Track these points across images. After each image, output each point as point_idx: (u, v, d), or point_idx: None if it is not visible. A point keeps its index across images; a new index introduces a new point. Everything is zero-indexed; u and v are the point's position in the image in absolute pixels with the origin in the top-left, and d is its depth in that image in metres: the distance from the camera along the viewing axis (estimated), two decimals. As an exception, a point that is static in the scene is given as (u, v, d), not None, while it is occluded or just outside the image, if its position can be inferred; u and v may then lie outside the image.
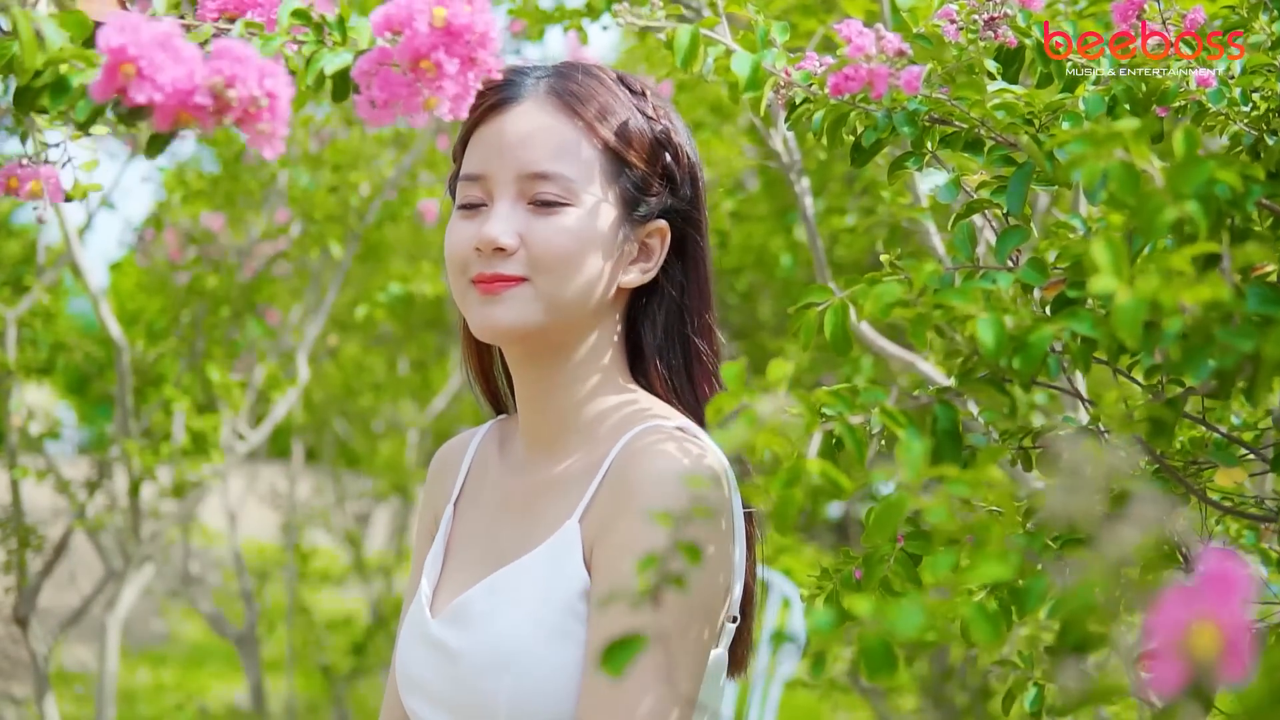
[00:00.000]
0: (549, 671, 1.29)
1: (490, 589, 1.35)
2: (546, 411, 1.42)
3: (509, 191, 1.35)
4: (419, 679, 1.39)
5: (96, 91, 0.99)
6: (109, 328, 3.33)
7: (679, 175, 1.42)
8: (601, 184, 1.36)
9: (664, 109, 1.43)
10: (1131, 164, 0.95)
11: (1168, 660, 0.60)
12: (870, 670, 0.76)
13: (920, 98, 1.25)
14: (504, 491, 1.46)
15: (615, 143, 1.36)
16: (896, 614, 0.75)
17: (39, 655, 3.55)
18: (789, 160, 2.33)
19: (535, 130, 1.35)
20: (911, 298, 1.08)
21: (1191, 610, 0.60)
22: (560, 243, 1.33)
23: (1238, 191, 0.99)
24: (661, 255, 1.41)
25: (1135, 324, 0.86)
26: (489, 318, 1.35)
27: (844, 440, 1.00)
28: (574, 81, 1.38)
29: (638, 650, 0.80)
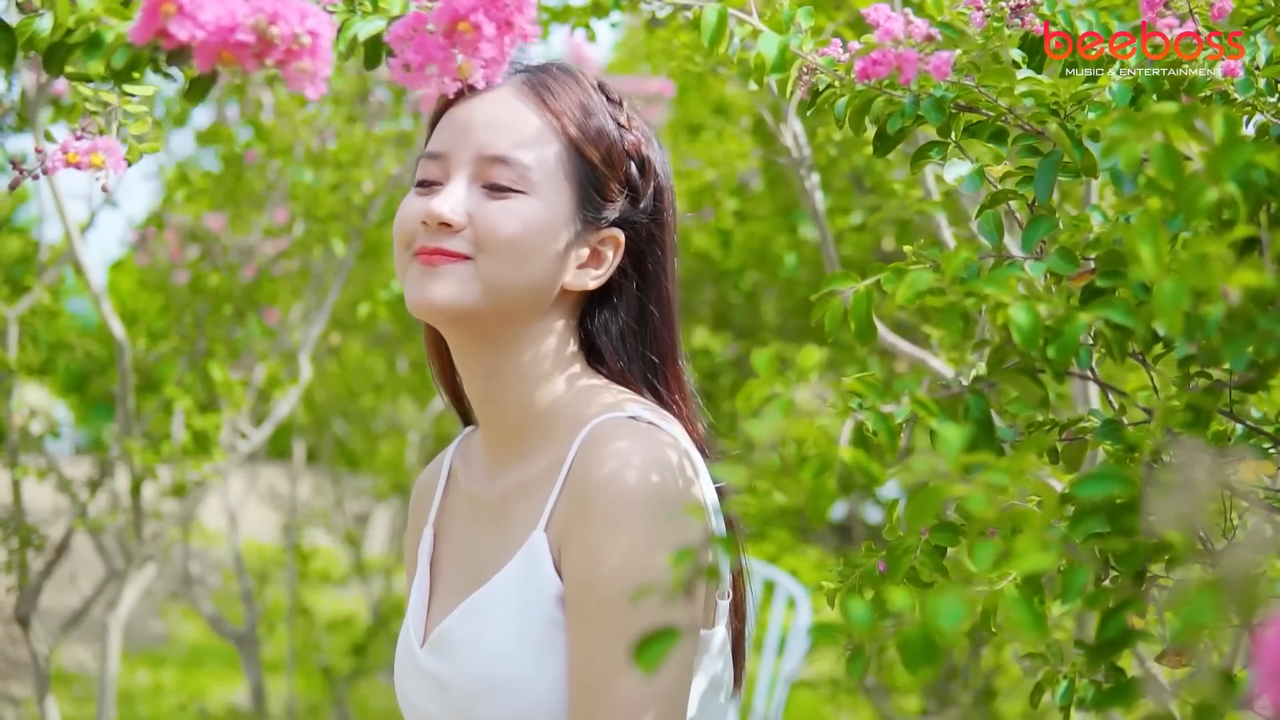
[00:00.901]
0: (545, 688, 1.27)
1: (467, 613, 1.33)
2: (501, 412, 1.39)
3: (466, 172, 1.34)
4: (419, 707, 1.38)
5: (136, 34, 0.97)
6: (111, 326, 3.31)
7: (642, 187, 1.41)
8: (560, 179, 1.34)
9: (639, 122, 1.42)
10: (1172, 146, 0.93)
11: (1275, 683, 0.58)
12: (911, 663, 0.75)
13: (948, 84, 1.23)
14: (474, 504, 1.44)
15: (579, 140, 1.35)
16: (937, 607, 0.73)
17: (40, 655, 3.53)
18: (798, 156, 2.32)
19: (501, 115, 1.34)
20: (943, 285, 1.06)
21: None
22: (506, 226, 1.31)
23: (1275, 176, 0.98)
24: (612, 264, 1.39)
25: (1178, 310, 0.84)
26: (424, 291, 1.32)
27: (876, 429, 0.98)
28: (550, 76, 1.38)
29: (673, 643, 0.78)
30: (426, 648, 1.37)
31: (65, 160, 1.16)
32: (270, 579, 5.76)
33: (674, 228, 1.45)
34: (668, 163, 1.45)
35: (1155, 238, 0.86)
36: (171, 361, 3.87)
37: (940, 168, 1.32)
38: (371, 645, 5.53)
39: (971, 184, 1.31)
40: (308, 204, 3.59)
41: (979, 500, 0.82)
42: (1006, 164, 1.32)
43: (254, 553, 6.53)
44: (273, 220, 3.78)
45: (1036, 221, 1.19)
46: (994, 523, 0.82)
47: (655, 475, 1.26)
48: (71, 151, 1.16)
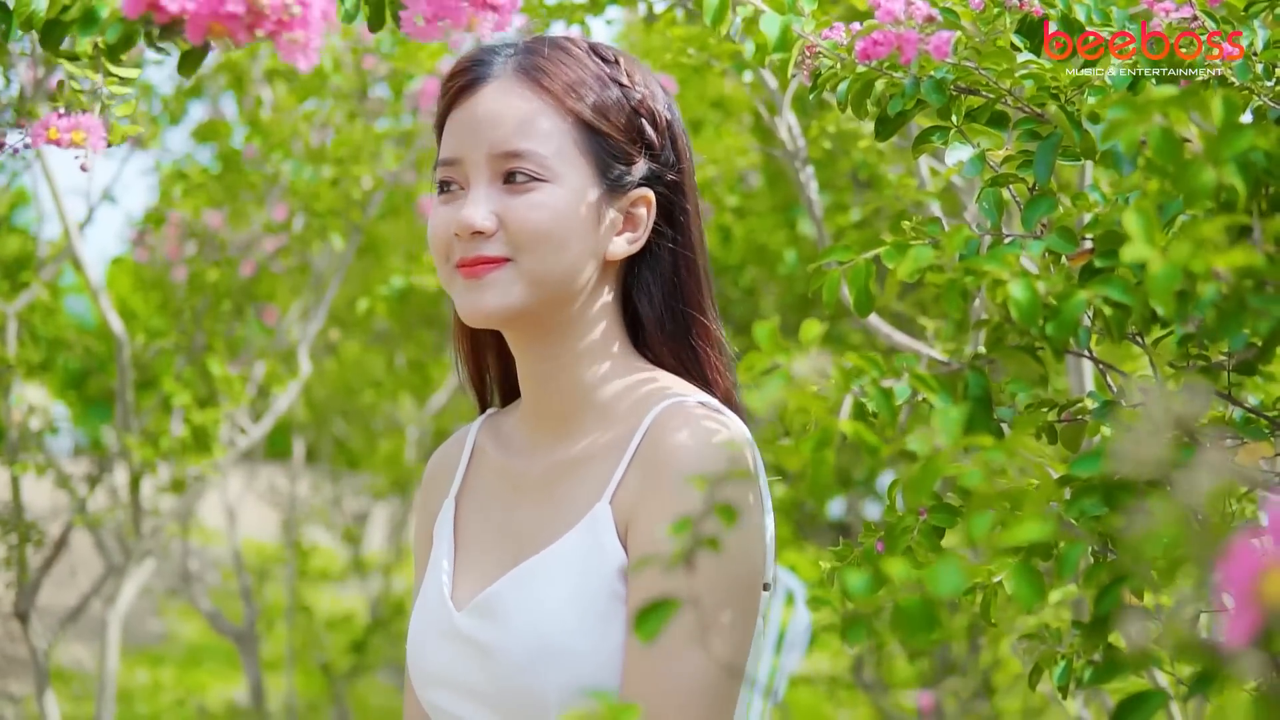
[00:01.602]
0: (599, 659, 1.27)
1: (519, 580, 1.33)
2: (555, 392, 1.40)
3: (483, 173, 1.34)
4: (444, 674, 1.36)
5: (129, 7, 0.97)
6: (110, 322, 3.31)
7: (659, 141, 1.40)
8: (576, 157, 1.34)
9: (639, 75, 1.40)
10: (1171, 129, 0.94)
11: (1240, 609, 0.58)
12: (908, 630, 0.75)
13: (949, 66, 1.24)
14: (513, 479, 1.43)
15: (587, 114, 1.35)
16: (934, 573, 0.74)
17: (39, 651, 3.53)
18: (793, 148, 2.32)
19: (503, 109, 1.34)
20: (943, 262, 1.07)
21: (1264, 558, 0.58)
22: (537, 219, 1.32)
23: (1274, 158, 0.98)
24: (649, 223, 1.39)
25: (1169, 290, 0.84)
26: (474, 303, 1.34)
27: (876, 404, 0.98)
28: (541, 56, 1.36)
29: (671, 614, 0.78)
30: (468, 611, 1.35)
31: (47, 136, 1.16)
32: (269, 577, 5.76)
33: (693, 171, 1.45)
34: (674, 106, 1.44)
35: (1147, 219, 0.86)
36: (170, 357, 3.86)
37: (937, 162, 1.33)
38: (371, 643, 5.53)
39: (973, 168, 1.31)
40: (306, 199, 3.59)
41: (976, 476, 0.83)
42: (1007, 148, 1.32)
43: (253, 551, 6.53)
44: (272, 217, 3.78)
45: (1036, 201, 1.19)
46: (992, 500, 0.82)
47: (729, 459, 1.27)
48: (53, 128, 1.17)
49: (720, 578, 1.25)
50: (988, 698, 4.29)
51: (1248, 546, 0.59)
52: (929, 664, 4.32)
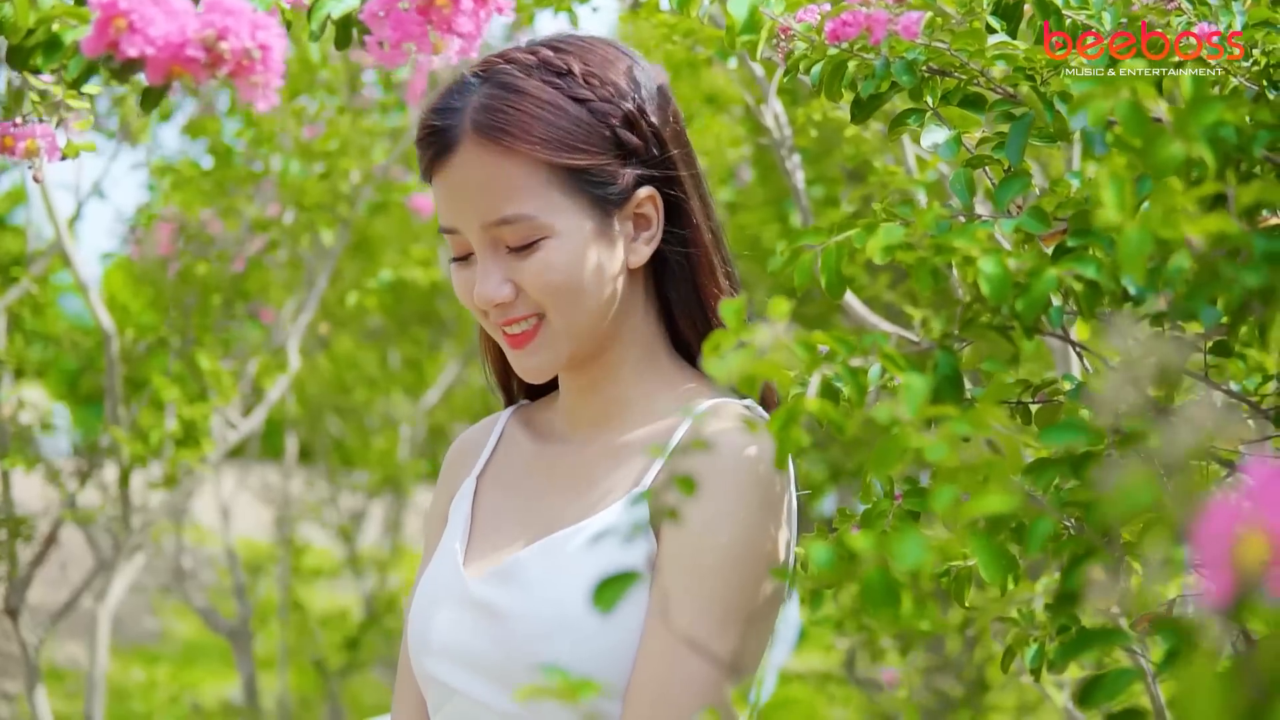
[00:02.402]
0: (613, 640, 1.27)
1: (547, 549, 1.33)
2: (594, 398, 1.42)
3: (483, 241, 1.33)
4: (446, 641, 1.36)
5: (88, 47, 0.98)
6: (99, 315, 3.31)
7: (639, 141, 1.36)
8: (563, 200, 1.32)
9: (600, 74, 1.35)
10: (1139, 103, 0.93)
11: (1215, 572, 0.57)
12: (871, 605, 0.74)
13: (921, 48, 1.23)
14: (546, 465, 1.44)
15: (560, 158, 1.31)
16: (897, 546, 0.73)
17: (30, 646, 3.52)
18: (779, 136, 2.31)
19: (477, 179, 1.32)
20: (914, 240, 1.06)
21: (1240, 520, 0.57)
22: (550, 280, 1.32)
23: (1245, 135, 0.97)
24: (660, 217, 1.38)
25: (1140, 257, 0.84)
26: (528, 369, 1.37)
27: (843, 382, 0.97)
28: (497, 107, 1.32)
29: (629, 586, 0.77)
30: (485, 578, 1.35)
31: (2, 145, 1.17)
32: (263, 574, 5.75)
33: (686, 153, 1.42)
34: (648, 83, 1.39)
35: (1120, 186, 0.85)
36: (162, 353, 3.86)
37: (924, 151, 1.32)
38: (364, 640, 5.52)
39: (948, 150, 1.31)
40: (295, 193, 3.58)
41: (940, 449, 0.82)
42: (984, 130, 1.32)
43: (248, 550, 6.52)
44: (264, 213, 3.77)
45: (1009, 181, 1.18)
46: (957, 473, 0.81)
47: (766, 462, 1.27)
48: (8, 135, 1.17)
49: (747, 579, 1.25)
50: (982, 694, 4.29)
51: (1224, 507, 0.58)
52: (922, 660, 4.31)
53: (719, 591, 1.24)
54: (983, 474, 0.77)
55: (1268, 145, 1.04)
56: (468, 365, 5.83)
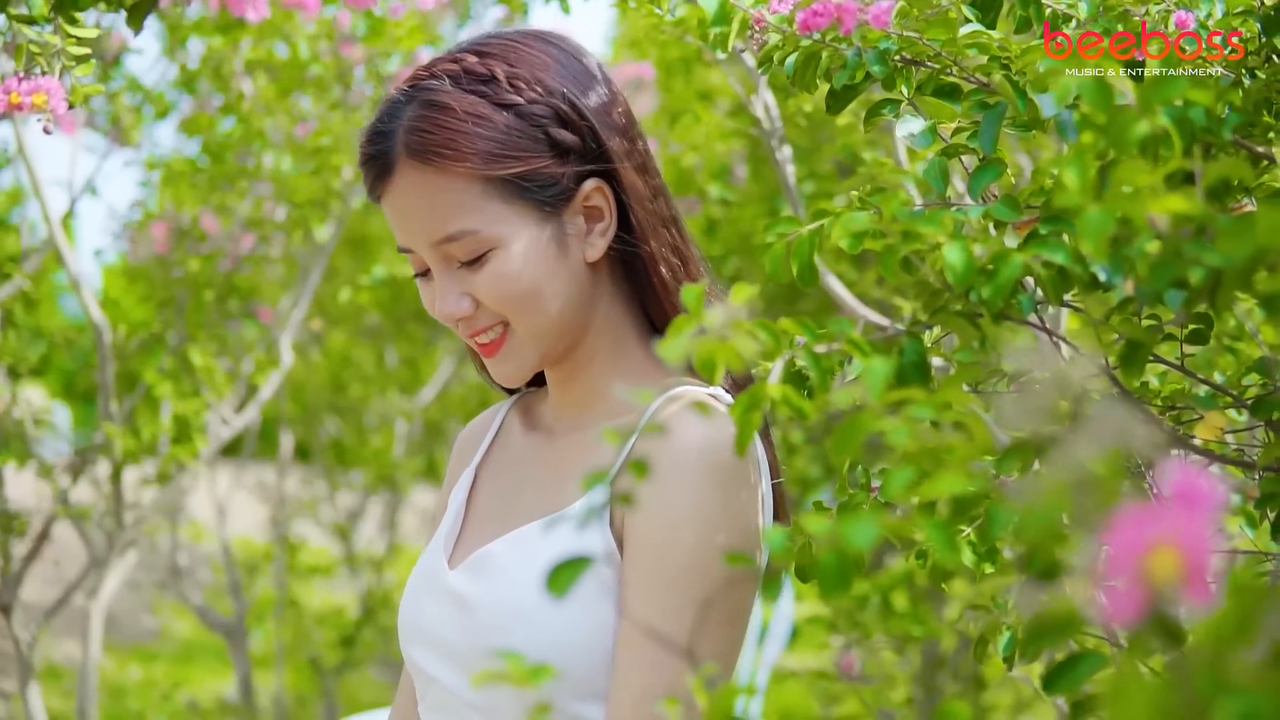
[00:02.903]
0: (560, 629, 1.27)
1: (513, 542, 1.34)
2: (574, 389, 1.43)
3: (435, 258, 1.34)
4: (427, 629, 1.38)
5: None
6: (90, 310, 3.30)
7: (574, 138, 1.35)
8: (505, 210, 1.31)
9: (526, 78, 1.34)
10: (1103, 79, 0.93)
11: (1125, 585, 0.56)
12: (825, 587, 0.74)
13: (895, 38, 1.23)
14: (530, 456, 1.46)
15: (493, 170, 1.30)
16: (850, 527, 0.73)
17: (23, 643, 3.52)
18: (769, 127, 2.31)
19: (416, 202, 1.32)
20: (882, 228, 1.06)
21: (1150, 530, 0.56)
22: (504, 290, 1.32)
23: (1214, 118, 0.97)
24: (612, 207, 1.37)
25: (1102, 237, 0.83)
26: (502, 376, 1.39)
27: (808, 367, 0.97)
28: (424, 128, 1.31)
29: (581, 571, 0.77)
30: (461, 569, 1.37)
31: (8, 101, 1.16)
32: (259, 572, 5.75)
33: (627, 142, 1.39)
34: (586, 71, 1.38)
35: (1081, 165, 0.85)
36: (156, 349, 3.86)
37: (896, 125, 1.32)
38: (360, 638, 5.52)
39: (923, 140, 1.30)
40: (287, 189, 3.58)
41: (901, 433, 0.82)
42: (960, 121, 1.31)
43: (244, 548, 6.52)
44: (260, 211, 3.77)
45: (982, 169, 1.18)
46: (919, 456, 0.81)
47: (726, 448, 1.26)
48: (14, 92, 1.16)
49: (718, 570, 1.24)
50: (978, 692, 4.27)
51: (1135, 518, 0.57)
52: (917, 658, 4.30)
53: (692, 589, 1.23)
54: (940, 457, 0.77)
55: (1236, 128, 1.04)
56: (463, 362, 5.83)
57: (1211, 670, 0.53)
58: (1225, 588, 0.58)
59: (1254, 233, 0.79)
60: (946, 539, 0.72)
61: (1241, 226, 0.79)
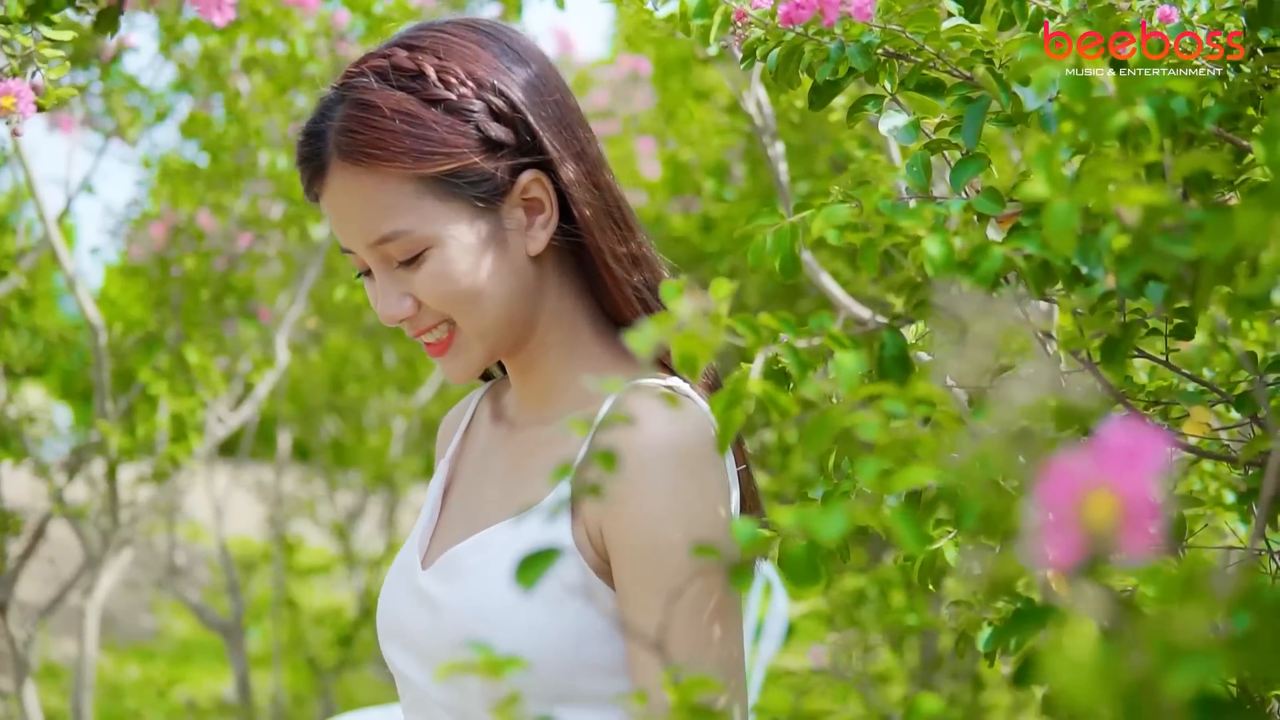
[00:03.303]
0: (523, 631, 1.26)
1: (479, 545, 1.33)
2: (532, 379, 1.41)
3: (374, 259, 1.33)
4: (399, 627, 1.38)
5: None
6: (85, 309, 3.30)
7: (506, 132, 1.32)
8: (438, 208, 1.30)
9: (456, 72, 1.32)
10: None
11: (1061, 533, 0.56)
12: (792, 579, 0.73)
13: (878, 31, 1.22)
14: (495, 448, 1.45)
15: (424, 169, 1.29)
16: (818, 520, 0.72)
17: (18, 642, 3.52)
18: (761, 124, 2.30)
19: (349, 203, 1.31)
20: (862, 222, 1.05)
21: (1087, 477, 0.56)
22: (442, 290, 1.31)
23: (1196, 109, 0.96)
24: (552, 198, 1.35)
25: (1068, 230, 0.83)
26: (451, 374, 1.37)
27: (788, 363, 0.96)
28: (354, 128, 1.30)
29: (550, 563, 0.76)
30: (431, 570, 1.36)
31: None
32: (257, 571, 5.75)
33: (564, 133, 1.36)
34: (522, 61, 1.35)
35: (1049, 158, 0.84)
36: (154, 347, 3.85)
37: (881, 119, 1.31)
38: (358, 637, 5.52)
39: (906, 135, 1.30)
40: (284, 187, 3.58)
41: (872, 427, 0.81)
42: (944, 116, 1.31)
43: (242, 548, 6.52)
44: (259, 210, 3.77)
45: (964, 163, 1.18)
46: (891, 449, 0.80)
47: (694, 440, 1.25)
48: (-21, 94, 1.16)
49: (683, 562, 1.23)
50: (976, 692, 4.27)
51: (1067, 468, 0.56)
52: (916, 658, 4.30)
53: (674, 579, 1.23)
54: (912, 449, 0.76)
55: (1218, 120, 1.03)
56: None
57: (1161, 634, 0.52)
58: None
59: (1233, 229, 0.78)
60: (911, 528, 0.71)
61: (1221, 222, 0.78)
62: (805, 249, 1.83)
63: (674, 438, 1.23)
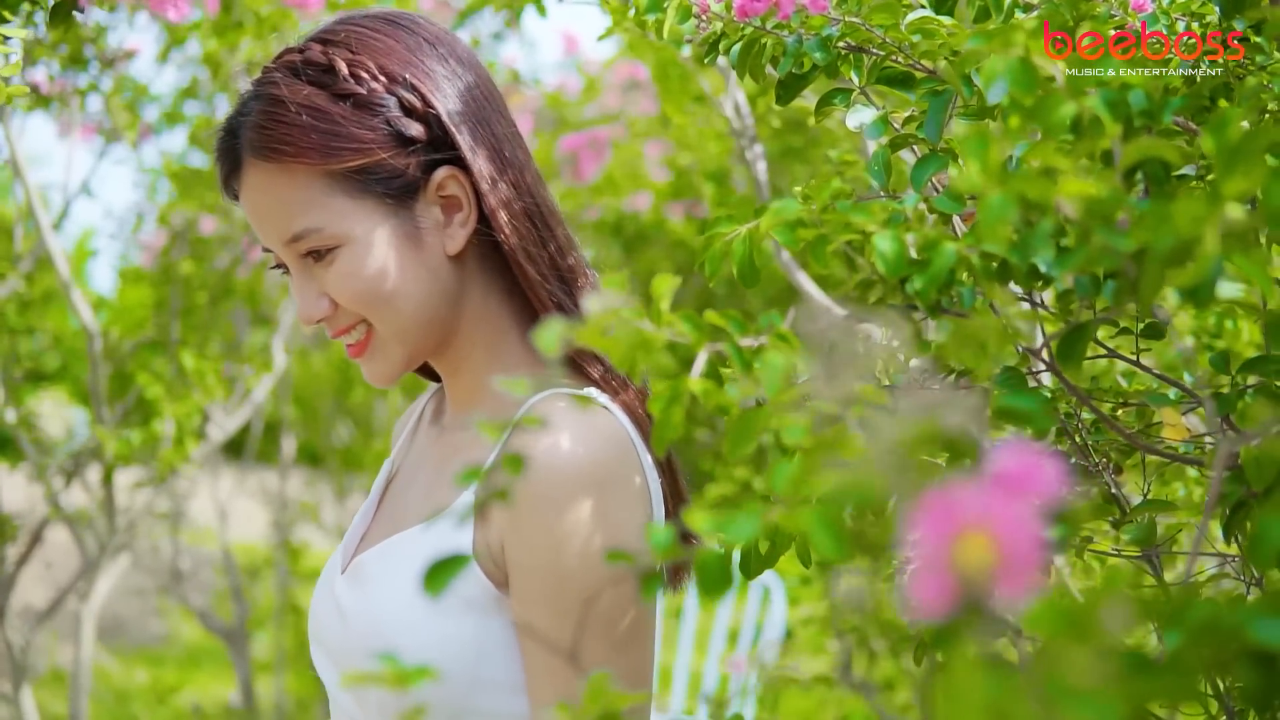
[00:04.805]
0: (428, 642, 1.23)
1: (384, 553, 1.31)
2: (460, 380, 1.38)
3: (289, 257, 1.30)
4: (318, 631, 1.35)
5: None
6: (81, 314, 3.29)
7: (419, 125, 1.29)
8: (349, 205, 1.27)
9: (369, 67, 1.29)
10: (1029, 60, 0.89)
11: (931, 574, 0.51)
12: (704, 587, 0.71)
13: (842, 24, 1.19)
14: (425, 451, 1.43)
15: (332, 164, 1.26)
16: (730, 525, 0.69)
17: (15, 647, 3.51)
18: (739, 125, 2.27)
19: (260, 200, 1.29)
20: (814, 218, 1.02)
21: (961, 514, 0.51)
22: (353, 289, 1.28)
23: (1155, 100, 0.93)
24: (469, 195, 1.31)
25: (1003, 224, 0.80)
26: (371, 376, 1.34)
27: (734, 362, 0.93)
28: (264, 125, 1.27)
29: (458, 570, 0.74)
30: (345, 575, 1.34)
31: None
32: (261, 576, 5.74)
33: (481, 130, 1.33)
34: (440, 56, 1.33)
35: (983, 149, 0.81)
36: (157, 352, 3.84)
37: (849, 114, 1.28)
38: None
39: (874, 130, 1.27)
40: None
41: (795, 431, 0.78)
42: (913, 110, 1.28)
43: (246, 553, 6.51)
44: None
45: (925, 160, 1.15)
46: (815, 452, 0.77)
47: (603, 454, 1.21)
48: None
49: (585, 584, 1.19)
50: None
51: (942, 503, 0.52)
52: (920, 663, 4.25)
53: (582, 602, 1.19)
54: (833, 451, 0.73)
55: (1179, 111, 1.00)
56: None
57: (1052, 671, 0.49)
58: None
59: (1172, 221, 0.75)
60: (830, 530, 0.68)
61: (1159, 213, 0.75)
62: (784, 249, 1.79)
63: (580, 455, 1.19)
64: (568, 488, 1.18)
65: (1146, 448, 1.12)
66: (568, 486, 1.18)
